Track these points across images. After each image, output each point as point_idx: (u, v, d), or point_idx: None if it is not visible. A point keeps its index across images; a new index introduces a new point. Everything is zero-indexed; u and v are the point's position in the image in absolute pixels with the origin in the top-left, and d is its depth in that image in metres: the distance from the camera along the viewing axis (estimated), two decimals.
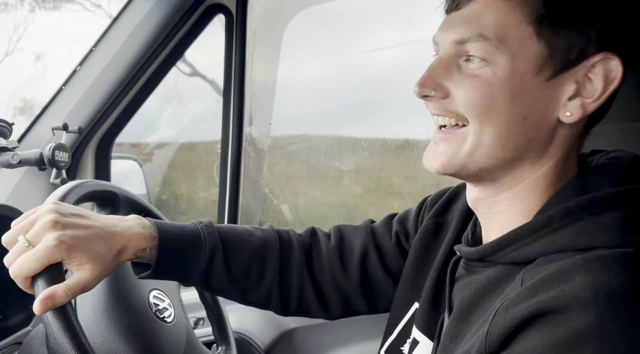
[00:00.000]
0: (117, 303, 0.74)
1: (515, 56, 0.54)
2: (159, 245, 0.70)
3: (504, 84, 0.54)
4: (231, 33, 1.36)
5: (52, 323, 0.55)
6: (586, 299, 0.44)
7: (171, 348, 0.77)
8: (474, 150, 0.56)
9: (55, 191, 0.70)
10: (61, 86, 1.19)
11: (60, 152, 1.10)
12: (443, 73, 0.57)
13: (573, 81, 0.54)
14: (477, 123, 0.56)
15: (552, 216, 0.53)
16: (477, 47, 0.55)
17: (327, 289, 0.82)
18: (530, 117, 0.55)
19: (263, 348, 1.25)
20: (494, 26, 0.54)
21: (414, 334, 0.70)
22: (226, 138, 1.41)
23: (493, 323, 0.49)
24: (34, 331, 0.79)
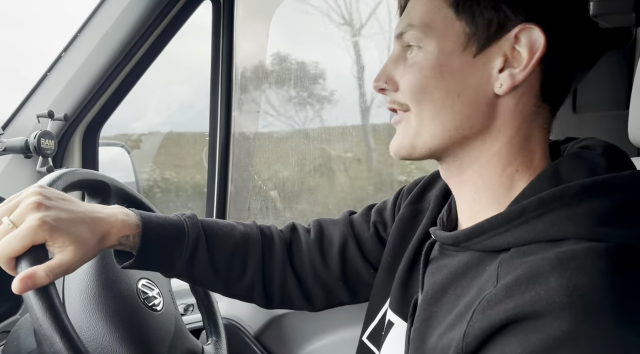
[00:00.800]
0: (105, 290, 0.74)
1: (441, 38, 0.58)
2: (142, 233, 0.70)
3: (433, 65, 0.58)
4: (218, 19, 1.34)
5: (35, 303, 0.55)
6: (560, 303, 0.44)
7: (159, 336, 0.77)
8: (418, 132, 0.60)
9: (44, 177, 0.70)
10: (46, 72, 1.17)
11: (46, 139, 1.10)
12: (393, 67, 0.62)
13: (500, 54, 0.56)
14: (416, 106, 0.60)
15: (526, 207, 0.53)
16: (409, 37, 0.60)
17: (309, 283, 0.84)
18: (465, 94, 0.58)
19: (252, 333, 1.26)
20: (419, 15, 0.59)
21: (389, 316, 0.71)
22: (214, 125, 1.40)
23: (470, 324, 0.50)
24: (22, 320, 0.78)
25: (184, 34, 1.27)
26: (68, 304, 0.72)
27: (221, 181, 1.44)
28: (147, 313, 0.78)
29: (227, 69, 1.36)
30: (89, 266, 0.76)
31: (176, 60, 1.50)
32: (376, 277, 0.79)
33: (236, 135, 1.45)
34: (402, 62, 0.62)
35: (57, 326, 0.55)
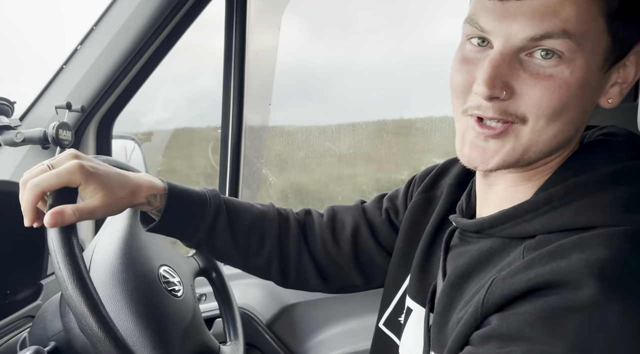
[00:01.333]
0: (127, 267, 0.76)
1: (592, 53, 0.51)
2: (168, 195, 0.75)
3: (581, 85, 0.51)
4: (231, 12, 1.36)
5: (63, 267, 0.59)
6: (580, 273, 0.46)
7: (174, 320, 0.78)
8: (529, 148, 0.54)
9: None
10: (62, 65, 1.19)
11: (64, 131, 1.11)
12: (509, 71, 0.52)
13: (617, 70, 0.55)
14: (544, 122, 0.52)
15: (553, 195, 0.54)
16: (559, 44, 0.50)
17: (322, 262, 0.86)
18: (586, 110, 0.54)
19: (264, 322, 1.28)
20: (576, 21, 0.49)
21: (407, 303, 0.72)
22: (226, 119, 1.42)
23: (490, 290, 0.51)
24: (46, 304, 0.81)
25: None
26: (92, 275, 0.75)
27: (233, 174, 1.45)
28: (165, 295, 0.80)
29: (240, 63, 1.37)
30: (114, 245, 0.79)
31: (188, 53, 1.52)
32: (390, 263, 0.81)
33: (247, 128, 1.46)
34: (519, 67, 0.52)
35: (82, 289, 0.58)
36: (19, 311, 0.94)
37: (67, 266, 0.59)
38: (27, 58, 1.42)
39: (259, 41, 1.41)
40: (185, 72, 1.83)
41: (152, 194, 0.74)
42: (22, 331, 0.90)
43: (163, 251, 0.87)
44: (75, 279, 0.59)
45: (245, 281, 1.34)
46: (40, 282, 1.02)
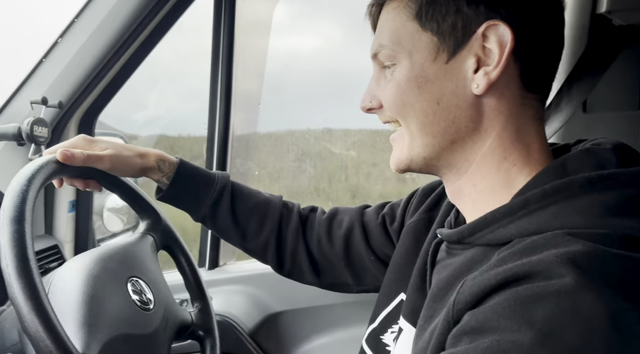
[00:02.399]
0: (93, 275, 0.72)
1: (411, 52, 0.59)
2: (179, 165, 0.85)
3: (408, 79, 0.59)
4: (219, 12, 1.32)
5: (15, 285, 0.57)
6: (551, 263, 0.44)
7: (133, 326, 0.74)
8: (411, 144, 0.61)
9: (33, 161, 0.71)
10: (41, 58, 1.14)
11: (40, 127, 1.07)
12: (375, 86, 0.64)
13: (472, 55, 0.57)
14: (403, 120, 0.61)
15: (529, 198, 0.53)
16: (383, 56, 0.62)
17: (316, 257, 0.92)
18: (444, 100, 0.58)
19: (247, 331, 1.23)
20: (388, 33, 0.61)
21: (400, 323, 0.70)
22: (213, 120, 1.38)
23: (460, 291, 0.49)
24: (5, 313, 0.77)
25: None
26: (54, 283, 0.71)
27: None
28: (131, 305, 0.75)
29: (227, 63, 1.33)
30: (86, 258, 0.75)
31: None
32: (385, 277, 0.80)
33: (235, 129, 1.42)
34: (383, 80, 0.63)
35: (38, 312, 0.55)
36: None
37: (17, 269, 0.56)
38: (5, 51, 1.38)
39: (248, 40, 1.36)
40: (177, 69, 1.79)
41: (162, 160, 0.84)
42: None
43: (140, 265, 0.83)
44: (23, 281, 0.56)
45: (228, 288, 1.30)
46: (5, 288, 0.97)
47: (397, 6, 0.60)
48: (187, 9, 1.23)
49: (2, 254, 0.57)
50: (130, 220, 1.66)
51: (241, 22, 1.34)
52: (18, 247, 0.57)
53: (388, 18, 0.62)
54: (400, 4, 0.60)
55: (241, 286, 1.30)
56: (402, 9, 0.60)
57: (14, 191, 0.63)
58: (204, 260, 1.41)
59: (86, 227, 1.34)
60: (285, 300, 1.27)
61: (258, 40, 1.41)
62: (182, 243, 0.95)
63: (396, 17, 0.60)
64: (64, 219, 1.29)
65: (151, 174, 0.84)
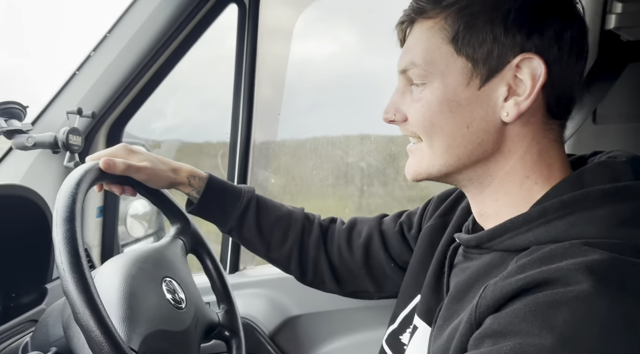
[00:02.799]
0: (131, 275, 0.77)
1: (444, 74, 0.60)
2: (209, 180, 0.90)
3: (440, 102, 0.60)
4: (243, 24, 1.37)
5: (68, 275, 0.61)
6: (569, 270, 0.47)
7: (170, 324, 0.79)
8: (432, 161, 0.63)
9: (80, 166, 0.76)
10: (75, 71, 1.20)
11: (74, 136, 1.12)
12: (400, 99, 0.65)
13: (504, 84, 0.58)
14: (427, 139, 0.62)
15: (547, 208, 0.56)
16: (413, 74, 0.62)
17: (337, 266, 0.95)
18: (473, 125, 0.60)
19: (267, 333, 1.27)
20: (421, 52, 0.61)
21: (415, 322, 0.73)
22: (235, 129, 1.42)
23: (482, 295, 0.52)
24: (49, 309, 0.81)
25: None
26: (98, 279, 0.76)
27: (240, 182, 1.45)
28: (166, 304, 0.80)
29: (250, 72, 1.38)
30: (124, 259, 0.80)
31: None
32: (403, 281, 0.83)
33: (255, 138, 1.46)
34: (408, 94, 0.64)
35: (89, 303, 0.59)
36: (23, 314, 0.95)
37: (70, 264, 0.61)
38: (44, 64, 1.44)
39: (270, 51, 1.41)
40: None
41: (193, 176, 0.89)
42: (25, 335, 0.90)
43: (173, 267, 0.88)
44: (77, 276, 0.60)
45: (248, 291, 1.33)
46: (45, 286, 1.03)
47: (432, 27, 0.61)
48: (212, 24, 1.29)
49: (57, 251, 0.62)
50: (152, 226, 1.71)
51: (263, 33, 1.39)
52: (71, 245, 0.62)
53: (422, 37, 0.62)
54: (435, 25, 0.60)
55: (261, 289, 1.34)
56: (438, 30, 0.60)
57: (65, 194, 0.68)
58: (225, 264, 1.45)
59: (112, 232, 1.39)
60: (304, 304, 1.30)
61: (279, 51, 1.46)
62: (209, 247, 1.00)
63: (431, 38, 0.61)
64: (92, 224, 1.34)
65: (182, 188, 0.90)
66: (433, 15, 0.60)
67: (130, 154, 0.84)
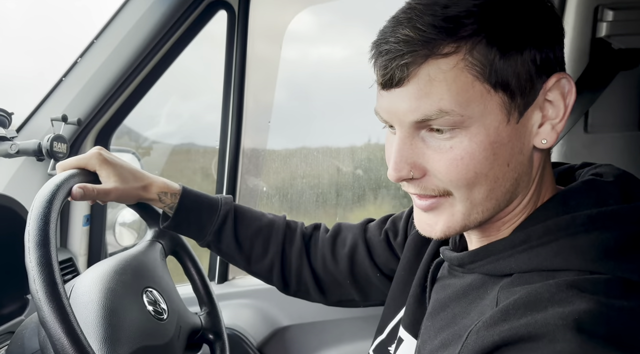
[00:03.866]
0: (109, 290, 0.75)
1: (483, 115, 0.52)
2: (182, 195, 0.87)
3: (484, 147, 0.52)
4: (233, 30, 1.36)
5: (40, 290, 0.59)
6: (555, 325, 0.44)
7: (150, 338, 0.77)
8: (468, 214, 0.56)
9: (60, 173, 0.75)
10: (61, 77, 1.19)
11: (59, 143, 1.11)
12: (413, 152, 0.55)
13: (537, 110, 0.54)
14: (465, 191, 0.54)
15: (530, 234, 0.53)
16: (441, 123, 0.52)
17: (321, 275, 0.92)
18: (513, 161, 0.54)
19: (255, 344, 1.25)
20: (449, 96, 0.51)
21: (400, 333, 0.72)
22: (224, 136, 1.41)
23: (464, 344, 0.50)
24: (26, 321, 0.79)
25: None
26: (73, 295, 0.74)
27: (229, 192, 1.44)
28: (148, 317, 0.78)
29: (240, 80, 1.37)
30: (99, 271, 0.78)
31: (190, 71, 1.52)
32: (390, 290, 0.81)
33: (245, 146, 1.45)
34: (423, 144, 0.54)
35: (61, 319, 0.57)
36: (2, 326, 0.92)
37: (46, 294, 0.58)
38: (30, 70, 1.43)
39: (260, 58, 1.40)
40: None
41: (164, 192, 0.86)
42: (1, 347, 0.88)
43: (153, 275, 0.86)
44: (49, 292, 0.58)
45: (237, 302, 1.32)
46: (26, 296, 1.01)
47: (456, 65, 0.51)
48: (201, 31, 1.28)
49: (31, 278, 0.59)
50: (141, 234, 1.69)
51: (253, 39, 1.38)
52: (46, 272, 0.59)
53: (445, 78, 0.51)
54: (459, 62, 0.51)
55: (250, 300, 1.32)
56: (465, 67, 0.51)
57: (37, 215, 0.65)
58: (214, 274, 1.43)
59: (99, 241, 1.37)
60: (293, 314, 1.28)
61: (270, 57, 1.45)
62: (189, 249, 0.98)
63: (458, 77, 0.51)
64: (78, 233, 1.32)
65: (153, 204, 0.88)
66: (451, 50, 0.51)
67: (103, 163, 0.81)
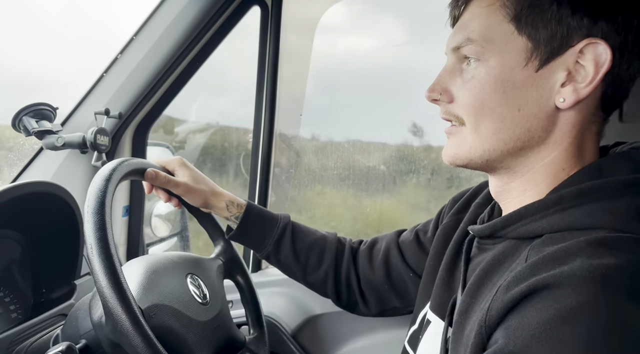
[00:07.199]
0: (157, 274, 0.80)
1: (502, 52, 0.57)
2: (247, 207, 0.94)
3: (495, 81, 0.57)
4: (266, 25, 1.38)
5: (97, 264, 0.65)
6: (581, 277, 0.45)
7: (198, 323, 0.81)
8: (475, 147, 0.60)
9: (111, 162, 0.79)
10: (102, 73, 1.23)
11: (102, 136, 1.15)
12: (448, 79, 0.63)
13: (563, 69, 0.56)
14: (474, 122, 0.59)
15: (563, 196, 0.55)
16: (467, 50, 0.59)
17: (364, 286, 0.96)
18: (525, 108, 0.57)
19: (289, 331, 1.28)
20: (479, 29, 0.59)
21: (428, 316, 0.73)
22: (258, 130, 1.44)
23: (494, 299, 0.51)
24: (78, 303, 0.83)
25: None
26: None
27: (262, 184, 1.47)
28: (193, 301, 0.82)
29: (273, 74, 1.39)
30: (143, 261, 0.82)
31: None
32: (420, 281, 0.82)
33: (277, 139, 1.48)
34: (458, 74, 0.61)
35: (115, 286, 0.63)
36: (53, 309, 0.97)
37: (103, 263, 0.63)
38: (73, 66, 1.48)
39: (292, 52, 1.43)
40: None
41: (231, 201, 0.93)
42: (55, 328, 0.93)
43: (204, 271, 0.91)
44: (109, 273, 0.62)
45: (271, 290, 1.35)
46: (74, 282, 1.05)
47: (493, 4, 0.58)
48: (235, 26, 1.31)
49: (85, 217, 0.67)
50: (176, 226, 1.74)
51: (286, 36, 1.40)
52: (99, 213, 0.67)
53: (481, 13, 0.59)
54: (496, 2, 0.58)
55: (283, 288, 1.35)
56: (499, 7, 0.58)
57: (103, 173, 0.74)
58: (248, 263, 1.46)
59: (138, 231, 1.42)
60: (326, 303, 1.29)
61: (302, 51, 1.47)
62: (248, 273, 1.03)
63: (491, 15, 0.58)
64: (118, 223, 1.37)
65: (219, 212, 0.94)
66: None
67: (181, 167, 0.92)
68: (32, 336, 0.89)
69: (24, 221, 0.97)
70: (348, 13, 1.64)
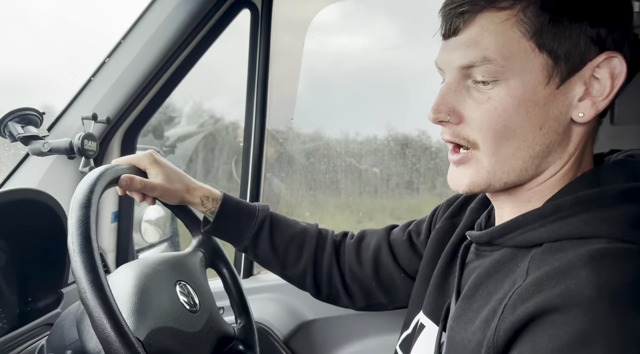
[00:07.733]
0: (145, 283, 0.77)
1: (524, 71, 0.55)
2: (223, 201, 0.91)
3: (519, 103, 0.55)
4: (256, 28, 1.37)
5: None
6: (590, 297, 0.45)
7: (186, 328, 0.80)
8: (493, 171, 0.58)
9: (96, 168, 0.77)
10: (90, 77, 1.22)
11: (89, 141, 1.13)
12: (454, 98, 0.59)
13: (581, 83, 0.55)
14: (492, 145, 0.57)
15: (561, 204, 0.55)
16: (483, 71, 0.56)
17: (349, 281, 0.94)
18: (546, 125, 0.56)
19: (282, 338, 1.27)
20: (495, 46, 0.55)
21: (421, 319, 0.72)
22: (248, 133, 1.43)
23: (501, 318, 0.51)
24: (64, 313, 0.81)
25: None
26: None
27: (253, 188, 1.45)
28: (182, 309, 0.80)
29: (263, 77, 1.38)
30: (132, 268, 0.80)
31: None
32: (414, 285, 0.82)
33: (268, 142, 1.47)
34: (466, 93, 0.58)
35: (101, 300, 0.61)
36: (39, 318, 0.95)
37: (85, 269, 0.62)
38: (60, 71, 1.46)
39: (282, 56, 1.42)
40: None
41: (206, 196, 0.91)
42: (41, 338, 0.91)
43: (189, 273, 0.89)
44: (94, 283, 0.60)
45: (263, 296, 1.33)
46: (60, 290, 1.03)
47: (508, 19, 0.55)
48: (225, 30, 1.29)
49: (69, 234, 0.64)
50: (166, 232, 1.72)
51: (275, 41, 1.39)
52: (84, 227, 0.64)
53: (495, 29, 0.55)
54: (512, 17, 0.54)
55: (275, 294, 1.34)
56: (515, 23, 0.54)
57: (84, 186, 0.71)
58: (239, 269, 1.45)
59: (127, 238, 1.40)
60: (318, 308, 1.30)
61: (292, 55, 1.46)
62: (229, 262, 1.01)
63: (507, 31, 0.55)
64: (107, 229, 1.35)
65: (195, 207, 0.92)
66: (507, 5, 0.55)
67: (153, 164, 0.87)
68: (16, 347, 0.87)
69: (9, 228, 0.95)
70: (340, 15, 1.63)
